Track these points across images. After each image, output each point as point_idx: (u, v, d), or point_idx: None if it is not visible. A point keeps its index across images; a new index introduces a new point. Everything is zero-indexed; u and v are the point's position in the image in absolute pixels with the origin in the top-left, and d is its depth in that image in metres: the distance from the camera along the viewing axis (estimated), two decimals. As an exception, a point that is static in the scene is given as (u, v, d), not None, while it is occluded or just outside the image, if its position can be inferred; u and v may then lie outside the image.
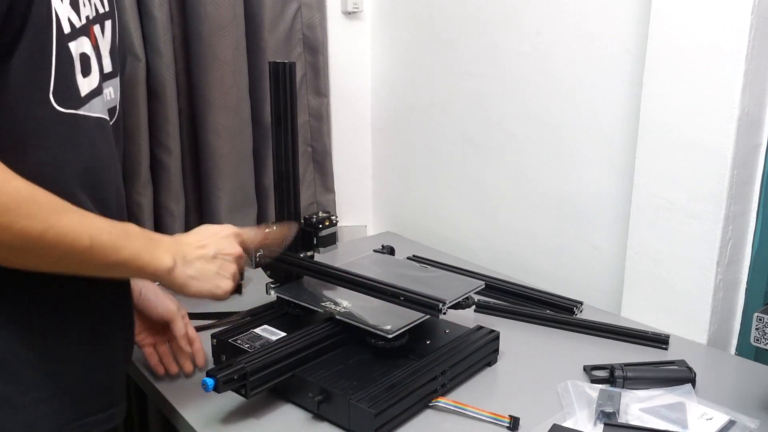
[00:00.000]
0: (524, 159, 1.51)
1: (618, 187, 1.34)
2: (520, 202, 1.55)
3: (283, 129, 1.14)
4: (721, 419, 0.95)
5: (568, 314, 1.31)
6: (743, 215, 1.20)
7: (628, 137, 1.29)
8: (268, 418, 0.97)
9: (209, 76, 1.49)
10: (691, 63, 1.13)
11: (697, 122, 1.14)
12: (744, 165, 1.15)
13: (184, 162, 1.54)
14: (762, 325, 0.90)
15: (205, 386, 0.87)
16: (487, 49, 1.54)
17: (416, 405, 0.97)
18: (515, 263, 1.58)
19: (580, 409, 0.98)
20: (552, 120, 1.44)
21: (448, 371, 1.02)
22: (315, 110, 1.73)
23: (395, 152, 1.85)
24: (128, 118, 1.44)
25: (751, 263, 1.22)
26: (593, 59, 1.34)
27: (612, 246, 1.37)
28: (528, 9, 1.44)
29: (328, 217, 1.23)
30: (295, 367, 0.99)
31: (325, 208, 1.79)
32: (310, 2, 1.65)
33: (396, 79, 1.80)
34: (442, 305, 0.97)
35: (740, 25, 1.07)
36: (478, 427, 0.95)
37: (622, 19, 1.27)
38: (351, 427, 0.91)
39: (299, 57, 1.68)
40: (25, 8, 0.65)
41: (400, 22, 1.75)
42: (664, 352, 1.17)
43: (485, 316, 1.32)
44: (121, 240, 0.72)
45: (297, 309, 1.13)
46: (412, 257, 1.58)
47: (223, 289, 0.87)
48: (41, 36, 0.68)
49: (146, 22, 1.41)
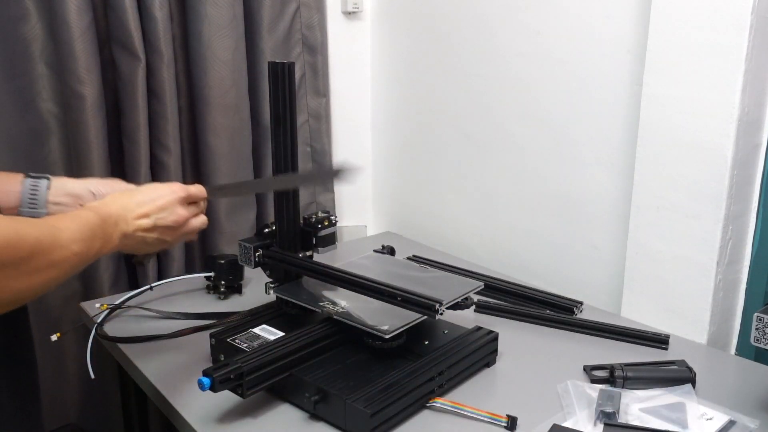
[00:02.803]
0: (524, 159, 1.51)
1: (618, 187, 1.33)
2: (520, 202, 1.54)
3: (283, 129, 1.13)
4: (721, 419, 0.95)
5: (568, 314, 1.31)
6: (743, 215, 1.19)
7: (628, 137, 1.29)
8: (266, 417, 0.97)
9: (209, 76, 1.49)
10: (691, 63, 1.13)
11: (697, 122, 1.14)
12: (744, 165, 1.15)
13: (184, 162, 1.55)
14: (762, 325, 0.90)
15: (201, 386, 0.87)
16: (487, 49, 1.54)
17: (413, 405, 0.96)
18: (515, 263, 1.58)
19: (580, 409, 0.97)
20: (552, 120, 1.44)
21: (446, 372, 1.02)
22: (314, 110, 1.73)
23: (395, 152, 1.85)
24: (128, 117, 1.44)
25: (751, 263, 1.22)
26: (593, 59, 1.34)
27: (612, 246, 1.37)
28: (528, 9, 1.43)
29: (327, 217, 1.22)
30: (292, 366, 0.98)
31: (325, 208, 1.79)
32: (310, 2, 1.65)
33: (396, 79, 1.80)
34: (439, 306, 0.96)
35: (740, 25, 1.06)
36: (476, 427, 0.95)
37: (622, 19, 1.27)
38: (347, 427, 0.91)
39: (298, 57, 1.68)
40: None
41: (400, 22, 1.75)
42: (664, 352, 1.17)
43: (485, 316, 1.32)
44: (92, 243, 0.78)
45: (295, 309, 1.13)
46: (412, 257, 1.58)
47: (162, 249, 0.93)
48: None
49: (146, 22, 1.41)
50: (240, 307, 1.28)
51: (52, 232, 0.70)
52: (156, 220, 0.89)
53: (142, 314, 1.30)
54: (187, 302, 1.36)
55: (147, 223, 0.88)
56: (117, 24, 1.39)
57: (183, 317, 1.28)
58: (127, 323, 1.28)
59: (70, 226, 0.74)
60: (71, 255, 0.72)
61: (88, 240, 0.76)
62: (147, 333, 1.20)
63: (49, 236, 0.69)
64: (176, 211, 0.92)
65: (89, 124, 1.38)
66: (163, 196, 0.91)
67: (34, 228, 0.68)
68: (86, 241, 0.75)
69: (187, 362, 1.12)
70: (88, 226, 0.77)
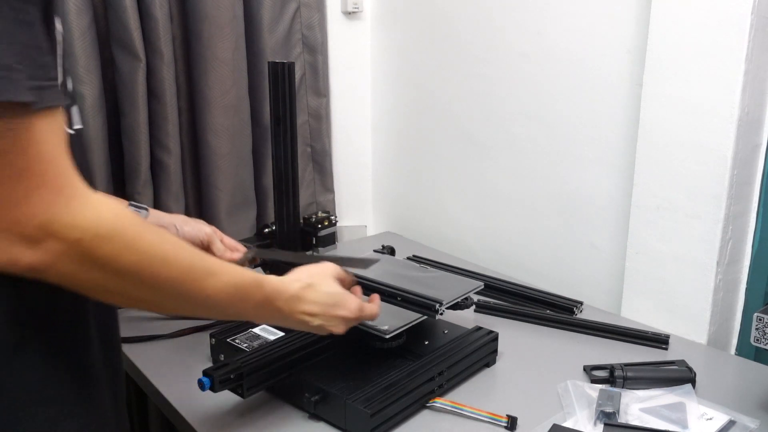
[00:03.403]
0: (524, 159, 1.51)
1: (618, 187, 1.33)
2: (520, 202, 1.54)
3: (283, 129, 1.13)
4: (721, 419, 0.95)
5: (568, 314, 1.31)
6: (743, 215, 1.19)
7: (628, 137, 1.29)
8: (266, 417, 0.97)
9: (209, 76, 1.49)
10: (691, 63, 1.13)
11: (697, 122, 1.14)
12: (744, 165, 1.15)
13: (184, 162, 1.55)
14: (762, 325, 0.90)
15: (201, 385, 0.87)
16: (487, 49, 1.54)
17: (413, 405, 0.96)
18: (515, 263, 1.58)
19: (580, 409, 0.97)
20: (552, 120, 1.44)
21: (446, 372, 1.02)
22: (314, 110, 1.73)
23: (395, 152, 1.85)
24: (128, 118, 1.44)
25: (751, 263, 1.22)
26: (593, 59, 1.34)
27: (612, 246, 1.37)
28: (528, 9, 1.43)
29: (327, 217, 1.23)
30: (292, 367, 0.98)
31: (325, 208, 1.79)
32: (310, 2, 1.65)
33: (396, 79, 1.80)
34: (439, 306, 0.96)
35: (740, 25, 1.06)
36: (476, 427, 0.95)
37: (622, 19, 1.27)
38: (347, 427, 0.91)
39: (298, 57, 1.68)
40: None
41: (400, 22, 1.75)
42: (664, 352, 1.17)
43: (485, 316, 1.32)
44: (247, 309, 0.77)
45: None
46: (412, 257, 1.58)
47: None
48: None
49: (146, 22, 1.41)
50: (240, 307, 1.28)
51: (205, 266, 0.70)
52: (319, 327, 0.86)
53: (142, 314, 1.30)
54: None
55: (312, 322, 0.85)
56: (117, 24, 1.39)
57: (183, 317, 1.28)
58: (127, 323, 1.27)
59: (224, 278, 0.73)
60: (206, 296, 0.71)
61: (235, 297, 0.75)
62: (147, 333, 1.21)
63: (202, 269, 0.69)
64: (340, 327, 0.88)
65: (89, 124, 1.38)
66: (337, 309, 0.86)
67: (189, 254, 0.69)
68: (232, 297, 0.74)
69: (187, 362, 1.12)
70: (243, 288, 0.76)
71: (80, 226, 0.57)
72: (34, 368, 0.65)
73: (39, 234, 0.56)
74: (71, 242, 0.57)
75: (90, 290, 0.62)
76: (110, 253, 0.59)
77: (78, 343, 0.70)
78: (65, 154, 0.58)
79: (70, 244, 0.57)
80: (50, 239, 0.56)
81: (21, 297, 0.62)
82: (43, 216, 0.56)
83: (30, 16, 0.55)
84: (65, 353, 0.68)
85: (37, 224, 0.56)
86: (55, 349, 0.66)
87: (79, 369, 0.70)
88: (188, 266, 0.67)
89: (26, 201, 0.55)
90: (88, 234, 0.58)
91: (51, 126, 0.57)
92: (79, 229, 0.57)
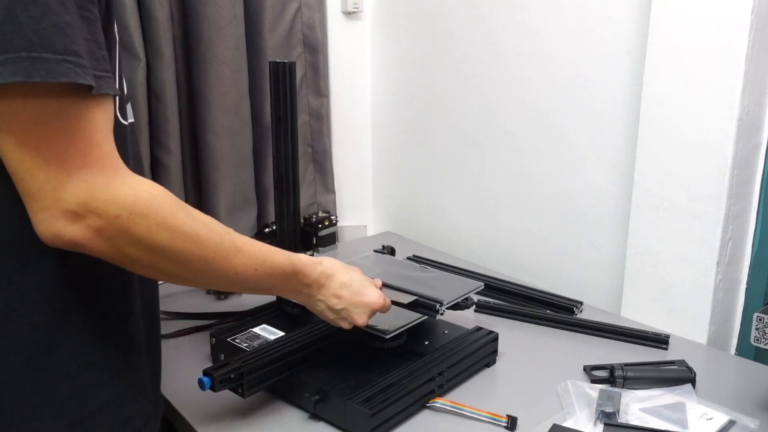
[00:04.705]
0: (524, 159, 1.51)
1: (618, 187, 1.34)
2: (520, 202, 1.54)
3: (283, 129, 1.13)
4: (721, 419, 0.95)
5: (568, 314, 1.31)
6: (743, 215, 1.19)
7: (628, 137, 1.29)
8: (266, 417, 0.97)
9: (209, 76, 1.49)
10: (691, 63, 1.13)
11: (697, 122, 1.14)
12: (744, 165, 1.15)
13: (184, 162, 1.55)
14: (762, 325, 0.90)
15: (201, 385, 0.87)
16: (487, 49, 1.54)
17: (413, 405, 0.96)
18: (515, 263, 1.58)
19: (580, 409, 0.97)
20: (552, 120, 1.44)
21: (446, 372, 1.02)
22: (315, 110, 1.73)
23: (395, 152, 1.85)
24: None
25: (751, 263, 1.22)
26: (593, 59, 1.34)
27: (612, 246, 1.37)
28: (528, 9, 1.43)
29: (327, 217, 1.23)
30: (292, 366, 0.98)
31: (325, 208, 1.79)
32: (310, 2, 1.65)
33: (396, 79, 1.80)
34: (439, 306, 0.97)
35: (740, 25, 1.06)
36: (476, 427, 0.95)
37: (622, 19, 1.27)
38: (347, 427, 0.91)
39: (299, 57, 1.68)
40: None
41: (400, 22, 1.75)
42: (664, 352, 1.17)
43: (485, 316, 1.32)
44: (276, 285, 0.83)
45: (296, 308, 1.13)
46: (412, 257, 1.58)
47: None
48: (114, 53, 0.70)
49: (146, 22, 1.41)
50: (240, 307, 1.28)
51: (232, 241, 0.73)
52: (343, 312, 0.91)
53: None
54: (187, 302, 1.36)
55: (336, 306, 0.90)
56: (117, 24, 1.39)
57: (183, 317, 1.28)
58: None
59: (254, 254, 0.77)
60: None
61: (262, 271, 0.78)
62: (147, 333, 1.20)
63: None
64: (363, 318, 0.92)
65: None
66: (362, 300, 0.91)
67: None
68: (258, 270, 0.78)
69: (187, 362, 1.12)
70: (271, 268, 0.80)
71: (119, 203, 0.61)
72: (78, 334, 0.68)
73: (81, 210, 0.60)
74: (110, 219, 0.61)
75: (128, 264, 0.66)
76: (145, 230, 0.63)
77: (121, 313, 0.74)
78: (110, 138, 0.63)
79: (108, 221, 0.61)
80: (91, 216, 0.61)
81: (68, 268, 0.67)
82: (85, 194, 0.60)
83: (92, 15, 0.62)
84: (108, 323, 0.72)
85: (79, 201, 0.60)
86: (99, 318, 0.70)
87: (121, 338, 0.74)
88: (217, 244, 0.71)
89: (70, 180, 0.60)
90: (125, 211, 0.62)
91: (102, 112, 0.62)
92: (117, 206, 0.61)
